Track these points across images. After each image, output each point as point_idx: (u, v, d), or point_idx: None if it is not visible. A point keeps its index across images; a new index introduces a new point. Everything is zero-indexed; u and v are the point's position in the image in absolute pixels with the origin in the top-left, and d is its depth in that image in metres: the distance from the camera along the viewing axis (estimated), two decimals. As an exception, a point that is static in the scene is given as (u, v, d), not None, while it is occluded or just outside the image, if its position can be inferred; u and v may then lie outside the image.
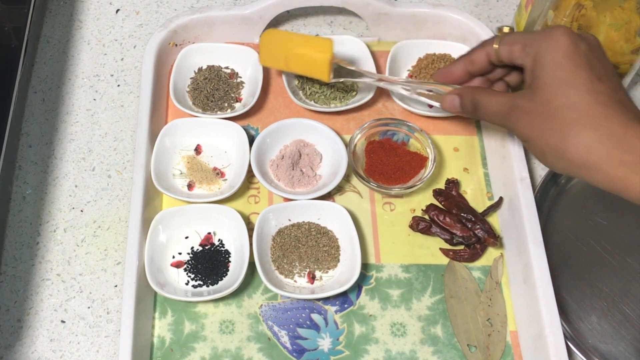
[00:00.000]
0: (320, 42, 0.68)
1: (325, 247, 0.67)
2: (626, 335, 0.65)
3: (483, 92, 0.60)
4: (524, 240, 0.65)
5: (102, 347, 0.64)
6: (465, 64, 0.63)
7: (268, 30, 0.71)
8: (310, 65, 0.68)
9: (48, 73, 0.80)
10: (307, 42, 0.68)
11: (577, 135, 0.51)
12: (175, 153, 0.73)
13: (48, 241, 0.70)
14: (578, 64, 0.53)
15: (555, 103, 0.53)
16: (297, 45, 0.68)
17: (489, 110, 0.59)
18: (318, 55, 0.67)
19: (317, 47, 0.67)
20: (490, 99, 0.59)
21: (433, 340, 0.65)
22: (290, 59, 0.68)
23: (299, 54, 0.68)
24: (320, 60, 0.67)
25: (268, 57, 0.71)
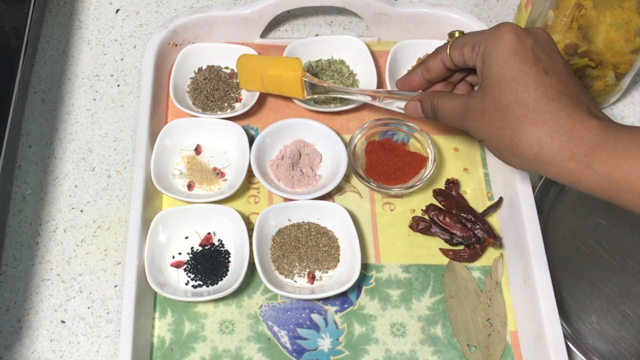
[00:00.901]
0: (289, 62, 0.69)
1: (325, 247, 0.67)
2: (626, 335, 0.65)
3: (440, 96, 0.61)
4: (524, 240, 0.65)
5: (102, 347, 0.64)
6: (422, 72, 0.64)
7: (241, 55, 0.73)
8: (284, 84, 0.70)
9: (48, 73, 0.80)
10: (278, 63, 0.70)
11: (528, 131, 0.52)
12: (175, 153, 0.73)
13: (48, 241, 0.70)
14: (524, 59, 0.53)
15: (505, 101, 0.53)
16: (268, 67, 0.70)
17: (446, 113, 0.60)
18: (289, 74, 0.69)
19: (287, 67, 0.69)
20: (446, 103, 0.60)
21: (433, 340, 0.65)
22: (265, 80, 0.71)
23: (272, 75, 0.70)
24: (291, 79, 0.69)
25: (246, 80, 0.74)
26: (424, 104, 0.62)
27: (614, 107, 0.79)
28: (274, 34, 0.84)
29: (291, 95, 0.71)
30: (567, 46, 0.69)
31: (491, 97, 0.55)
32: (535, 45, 0.54)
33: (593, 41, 0.68)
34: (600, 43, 0.68)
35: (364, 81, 0.77)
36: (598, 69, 0.71)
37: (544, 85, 0.52)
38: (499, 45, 0.55)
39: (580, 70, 0.72)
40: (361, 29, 0.84)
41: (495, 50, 0.55)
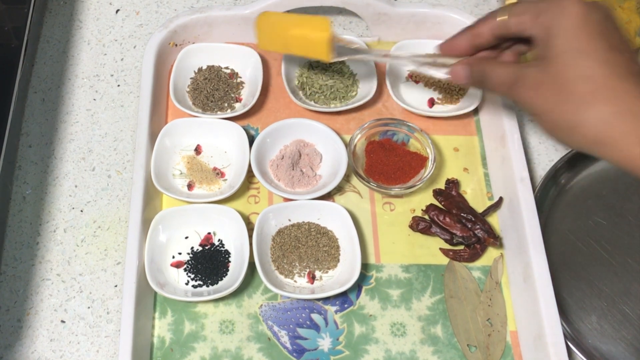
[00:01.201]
0: (317, 21, 0.65)
1: (325, 247, 0.67)
2: (626, 335, 0.65)
3: (490, 62, 0.58)
4: (524, 240, 0.65)
5: (102, 347, 0.64)
6: (469, 37, 0.61)
7: (263, 13, 0.69)
8: (309, 45, 0.65)
9: (48, 73, 0.80)
10: (304, 22, 0.66)
11: (593, 108, 0.49)
12: (175, 153, 0.73)
13: (48, 241, 0.70)
14: (592, 33, 0.50)
15: (569, 74, 0.50)
16: (294, 26, 0.65)
17: (495, 80, 0.56)
18: (317, 34, 0.64)
19: (315, 27, 0.65)
20: (495, 69, 0.56)
21: (433, 340, 0.65)
22: (288, 41, 0.66)
23: (297, 35, 0.65)
24: (319, 39, 0.64)
25: (266, 40, 0.69)
26: (473, 69, 0.59)
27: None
28: (274, 34, 0.83)
29: (316, 57, 0.66)
30: (567, 46, 0.69)
31: (553, 69, 0.51)
32: (604, 20, 0.51)
33: (593, 41, 0.68)
34: (600, 43, 0.68)
35: (363, 81, 0.77)
36: (598, 69, 0.71)
37: (614, 63, 0.49)
38: (565, 16, 0.51)
39: (580, 70, 0.72)
40: (361, 29, 0.84)
41: (563, 21, 0.51)
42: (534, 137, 0.77)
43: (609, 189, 0.72)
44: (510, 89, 0.55)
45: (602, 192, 0.72)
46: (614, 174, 0.73)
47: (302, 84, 0.77)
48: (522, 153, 0.69)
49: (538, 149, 0.76)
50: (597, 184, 0.73)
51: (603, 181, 0.73)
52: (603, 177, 0.73)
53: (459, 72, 0.60)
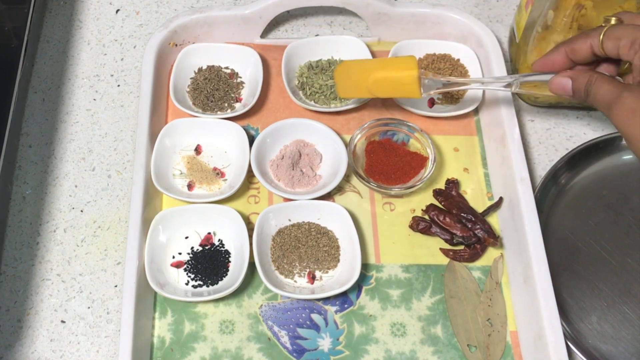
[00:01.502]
0: (402, 61, 0.65)
1: (325, 247, 0.67)
2: (626, 335, 0.65)
3: (597, 75, 0.56)
4: (524, 240, 0.65)
5: (102, 347, 0.64)
6: (567, 53, 0.59)
7: (342, 63, 0.70)
8: (398, 86, 0.65)
9: (48, 73, 0.80)
10: (388, 64, 0.66)
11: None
12: (175, 153, 0.73)
13: (48, 241, 0.70)
14: None
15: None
16: (377, 69, 0.66)
17: (598, 96, 0.55)
18: (404, 74, 0.64)
19: (400, 66, 0.65)
20: (601, 84, 0.55)
21: (433, 340, 0.65)
22: (372, 84, 0.66)
23: (382, 77, 0.65)
24: (407, 78, 0.64)
25: (346, 88, 0.69)
26: (577, 82, 0.57)
27: (614, 107, 0.79)
28: (274, 34, 0.84)
29: (406, 96, 0.66)
30: (567, 46, 0.69)
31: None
32: None
33: (593, 41, 0.68)
34: (601, 43, 0.68)
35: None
36: (598, 69, 0.71)
37: None
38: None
39: (581, 70, 0.72)
40: (361, 29, 0.84)
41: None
42: (534, 137, 0.77)
43: (609, 189, 0.72)
44: (609, 108, 0.54)
45: (602, 192, 0.72)
46: (614, 174, 0.73)
47: (302, 84, 0.77)
48: (522, 153, 0.69)
49: (538, 149, 0.76)
50: (597, 184, 0.73)
51: (603, 181, 0.73)
52: (603, 177, 0.73)
53: (561, 84, 0.59)
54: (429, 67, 0.78)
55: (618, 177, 0.73)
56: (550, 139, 0.77)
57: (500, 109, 0.72)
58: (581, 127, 0.77)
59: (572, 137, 0.77)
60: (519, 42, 0.76)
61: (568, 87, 0.59)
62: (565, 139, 0.77)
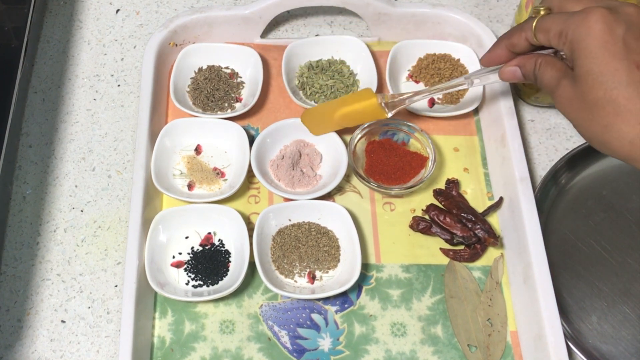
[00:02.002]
0: (360, 94, 0.69)
1: (325, 247, 0.67)
2: (626, 335, 0.65)
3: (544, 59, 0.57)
4: (524, 240, 0.65)
5: (102, 347, 0.64)
6: (507, 47, 0.60)
7: (305, 111, 0.72)
8: (364, 115, 0.69)
9: (48, 73, 0.80)
10: (348, 100, 0.69)
11: (619, 130, 0.50)
12: (175, 153, 0.73)
13: (48, 241, 0.70)
14: (614, 53, 0.50)
15: (593, 96, 0.51)
16: (339, 106, 0.70)
17: (544, 80, 0.56)
18: (365, 103, 0.68)
19: (360, 98, 0.68)
20: (546, 69, 0.56)
21: (433, 340, 0.65)
22: (340, 120, 0.70)
23: (347, 112, 0.69)
24: (370, 106, 0.68)
25: (317, 128, 0.72)
26: (525, 68, 0.59)
27: (614, 107, 0.79)
28: (274, 34, 0.84)
29: (375, 119, 0.71)
30: (567, 46, 0.69)
31: (580, 89, 0.52)
32: (627, 33, 0.50)
33: (593, 41, 0.68)
34: (600, 43, 0.68)
35: (364, 81, 0.77)
36: (598, 69, 0.71)
37: (636, 82, 0.49)
38: (587, 36, 0.51)
39: (580, 70, 0.72)
40: (361, 29, 0.84)
41: (584, 42, 0.51)
42: (534, 137, 0.77)
43: (609, 189, 0.73)
44: (552, 93, 0.56)
45: (602, 192, 0.73)
46: (614, 174, 0.73)
47: (302, 84, 0.77)
48: (522, 153, 0.69)
49: (538, 149, 0.76)
50: (597, 184, 0.73)
51: (603, 181, 0.73)
52: (603, 177, 0.73)
53: (511, 73, 0.60)
54: (429, 67, 0.78)
55: (618, 177, 0.73)
56: (550, 139, 0.77)
57: (501, 109, 0.72)
58: (581, 127, 0.77)
59: (572, 137, 0.77)
60: (519, 42, 0.76)
61: (518, 74, 0.60)
62: (565, 139, 0.77)
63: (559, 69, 0.55)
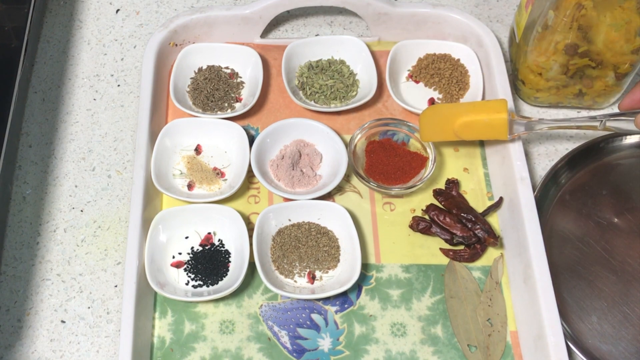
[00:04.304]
0: (492, 105, 0.66)
1: (325, 247, 0.67)
2: (626, 335, 0.65)
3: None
4: (524, 240, 0.65)
5: (102, 347, 0.64)
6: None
7: (429, 108, 0.70)
8: (487, 129, 0.67)
9: (48, 73, 0.80)
10: (477, 108, 0.67)
11: None
12: (175, 153, 0.73)
13: (48, 241, 0.70)
14: None
15: None
16: (466, 113, 0.67)
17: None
18: (493, 117, 0.65)
19: (491, 110, 0.66)
20: None
21: (433, 340, 0.65)
22: (460, 128, 0.67)
23: (471, 121, 0.66)
24: (497, 122, 0.65)
25: (431, 132, 0.70)
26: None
27: (614, 107, 0.79)
28: (274, 34, 0.84)
29: (492, 138, 0.68)
30: (567, 46, 0.69)
31: None
32: None
33: (593, 41, 0.68)
34: (601, 43, 0.68)
35: (364, 81, 0.77)
36: (598, 69, 0.71)
37: None
38: None
39: (581, 71, 0.72)
40: (361, 29, 0.84)
41: None
42: (534, 137, 0.77)
43: (609, 189, 0.72)
44: None
45: (602, 192, 0.72)
46: (614, 174, 0.73)
47: (302, 84, 0.77)
48: (522, 153, 0.69)
49: (538, 149, 0.76)
50: (597, 184, 0.73)
51: (603, 181, 0.73)
52: (603, 177, 0.73)
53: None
54: (429, 66, 0.78)
55: (618, 177, 0.73)
56: (550, 139, 0.77)
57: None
58: (581, 127, 0.77)
59: (572, 137, 0.77)
60: (519, 42, 0.76)
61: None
62: (565, 139, 0.77)
63: None
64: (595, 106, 0.77)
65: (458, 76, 0.77)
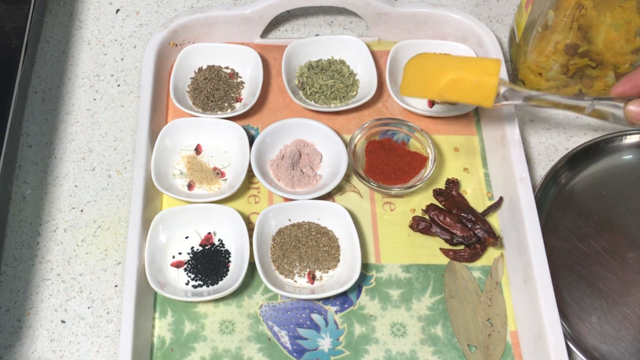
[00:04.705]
0: (486, 64, 0.61)
1: (325, 247, 0.67)
2: (626, 335, 0.65)
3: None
4: (524, 240, 0.65)
5: (102, 347, 0.64)
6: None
7: (417, 55, 0.63)
8: (473, 90, 0.61)
9: (48, 73, 0.80)
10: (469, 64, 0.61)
11: None
12: (175, 153, 0.73)
13: (48, 241, 0.70)
14: None
15: None
16: (457, 69, 0.61)
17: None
18: (484, 79, 0.60)
19: (483, 70, 0.60)
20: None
21: (433, 340, 0.65)
22: (446, 85, 0.61)
23: (460, 79, 0.60)
24: (486, 84, 0.60)
25: (414, 85, 0.63)
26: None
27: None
28: (274, 34, 0.84)
29: (477, 103, 0.62)
30: (567, 46, 0.69)
31: None
32: None
33: (593, 41, 0.68)
34: (601, 43, 0.68)
35: (364, 81, 0.77)
36: (598, 69, 0.71)
37: None
38: None
39: (581, 71, 0.72)
40: (361, 29, 0.84)
41: None
42: (534, 137, 0.77)
43: (609, 189, 0.72)
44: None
45: (602, 192, 0.72)
46: (614, 174, 0.73)
47: (302, 84, 0.77)
48: (522, 153, 0.69)
49: (538, 149, 0.76)
50: (597, 184, 0.73)
51: (603, 181, 0.73)
52: (603, 177, 0.73)
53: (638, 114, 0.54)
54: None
55: (618, 177, 0.73)
56: (550, 139, 0.77)
57: (501, 109, 0.72)
58: (581, 127, 0.77)
59: (572, 137, 0.77)
60: (519, 42, 0.76)
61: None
62: (565, 139, 0.77)
63: None
64: (595, 106, 0.77)
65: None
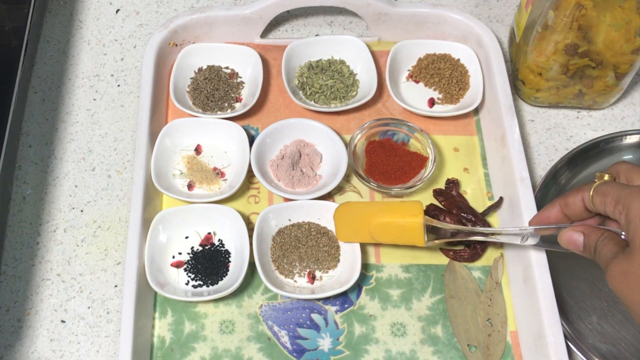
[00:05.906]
0: (408, 207, 0.63)
1: (325, 247, 0.67)
2: (626, 335, 0.65)
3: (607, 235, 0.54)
4: (524, 240, 0.65)
5: (102, 347, 0.64)
6: (560, 207, 0.58)
7: (341, 205, 0.66)
8: (401, 232, 0.63)
9: (48, 73, 0.80)
10: (392, 209, 0.63)
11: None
12: (175, 153, 0.73)
13: (48, 241, 0.70)
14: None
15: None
16: (380, 213, 0.63)
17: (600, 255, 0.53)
18: (408, 220, 0.62)
19: (406, 212, 0.62)
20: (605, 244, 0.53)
21: (433, 340, 0.65)
22: (375, 229, 0.63)
23: (385, 223, 0.63)
24: (411, 225, 0.62)
25: (346, 232, 0.66)
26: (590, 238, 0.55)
27: (614, 107, 0.79)
28: (274, 34, 0.84)
29: (409, 243, 0.63)
30: (567, 46, 0.69)
31: (634, 264, 0.49)
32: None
33: (593, 41, 0.68)
34: (601, 43, 0.68)
35: (364, 81, 0.77)
36: (598, 69, 0.71)
37: None
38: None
39: (581, 71, 0.72)
40: (361, 29, 0.84)
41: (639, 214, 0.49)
42: (534, 137, 0.77)
43: (609, 189, 0.72)
44: (606, 267, 0.52)
45: (602, 192, 0.72)
46: (614, 174, 0.73)
47: (302, 84, 0.77)
48: (522, 153, 0.69)
49: (538, 149, 0.76)
50: (597, 184, 0.73)
51: (603, 181, 0.73)
52: (603, 177, 0.73)
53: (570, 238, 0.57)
54: (429, 66, 0.78)
55: (618, 177, 0.73)
56: (550, 139, 0.77)
57: (501, 109, 0.72)
58: (581, 127, 0.77)
59: (572, 137, 0.77)
60: (519, 42, 0.76)
61: (579, 242, 0.56)
62: (565, 139, 0.77)
63: (616, 244, 0.52)
64: (595, 106, 0.77)
65: (458, 76, 0.77)
